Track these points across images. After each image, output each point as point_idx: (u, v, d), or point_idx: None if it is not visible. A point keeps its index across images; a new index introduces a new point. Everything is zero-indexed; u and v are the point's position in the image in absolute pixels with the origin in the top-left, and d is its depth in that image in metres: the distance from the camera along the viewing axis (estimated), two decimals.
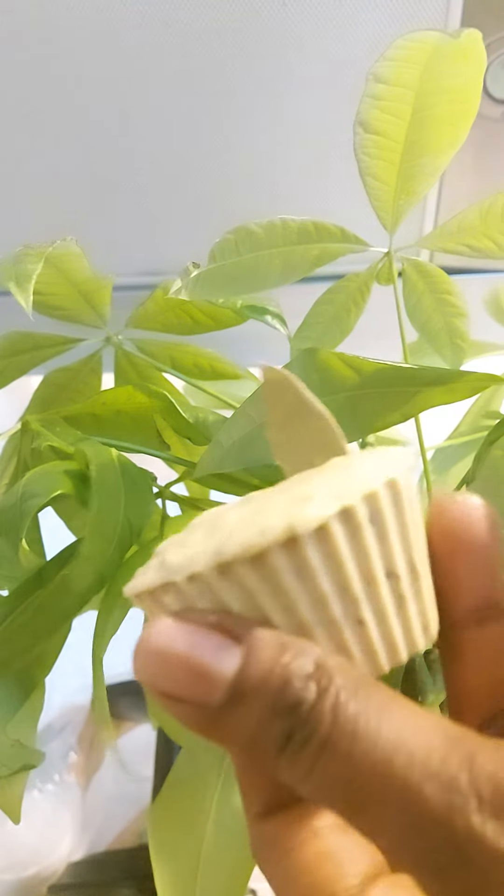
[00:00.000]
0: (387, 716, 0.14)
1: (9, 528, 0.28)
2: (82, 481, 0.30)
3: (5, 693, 0.32)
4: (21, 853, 0.73)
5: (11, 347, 0.42)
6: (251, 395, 0.29)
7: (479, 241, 0.35)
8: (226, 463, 0.30)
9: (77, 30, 0.43)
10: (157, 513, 0.36)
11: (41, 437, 0.33)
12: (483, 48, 0.31)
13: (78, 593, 0.29)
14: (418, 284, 0.40)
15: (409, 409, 0.28)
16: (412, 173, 0.34)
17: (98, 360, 0.44)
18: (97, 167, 0.49)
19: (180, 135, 0.47)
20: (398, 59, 0.31)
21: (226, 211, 0.50)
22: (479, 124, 0.34)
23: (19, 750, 0.29)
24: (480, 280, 0.52)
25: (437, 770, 0.13)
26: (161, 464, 0.37)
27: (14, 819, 0.32)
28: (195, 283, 0.36)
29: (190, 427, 0.34)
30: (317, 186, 0.49)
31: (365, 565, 0.16)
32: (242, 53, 0.44)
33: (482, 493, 0.28)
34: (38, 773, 0.80)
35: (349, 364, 0.28)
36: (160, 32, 0.43)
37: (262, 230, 0.35)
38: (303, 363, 0.28)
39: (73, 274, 0.39)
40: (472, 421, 0.48)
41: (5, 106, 0.46)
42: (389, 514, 0.16)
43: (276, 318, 0.42)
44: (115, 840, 0.76)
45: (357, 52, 0.43)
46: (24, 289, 0.30)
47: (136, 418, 0.37)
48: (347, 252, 0.37)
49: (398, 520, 0.16)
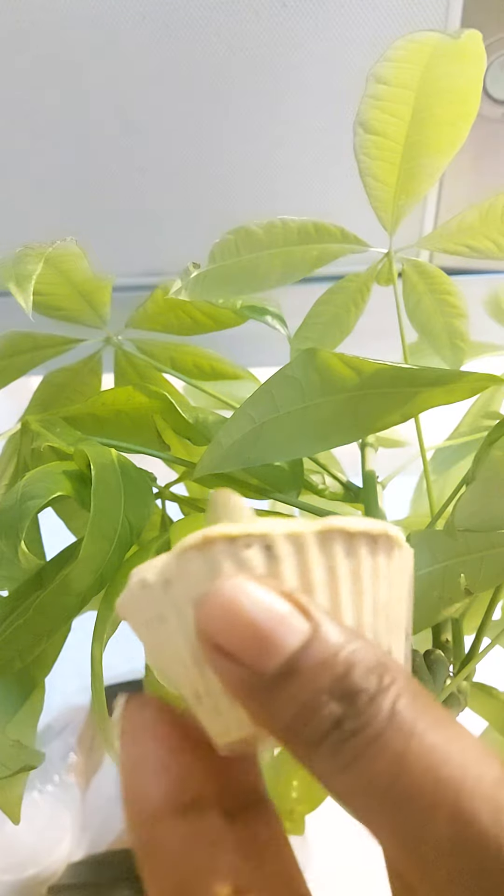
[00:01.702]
0: (442, 730, 0.13)
1: (8, 529, 0.28)
2: (82, 482, 0.30)
3: (5, 693, 0.31)
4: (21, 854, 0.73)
5: (11, 347, 0.42)
6: (251, 396, 0.29)
7: (478, 242, 0.35)
8: (226, 463, 0.30)
9: (77, 30, 0.43)
10: (157, 513, 0.36)
11: (41, 437, 0.33)
12: (483, 49, 0.31)
13: (78, 594, 0.29)
14: (418, 285, 0.40)
15: (408, 409, 0.28)
16: (412, 174, 0.34)
17: (98, 361, 0.44)
18: (97, 167, 0.49)
19: (180, 135, 0.47)
20: (398, 60, 0.31)
21: (226, 211, 0.50)
22: (479, 125, 0.34)
23: (19, 750, 0.29)
24: (480, 281, 0.52)
25: (490, 794, 0.13)
26: (161, 464, 0.37)
27: (14, 820, 0.32)
28: (195, 283, 0.36)
29: (190, 427, 0.34)
30: (317, 186, 0.49)
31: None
32: (242, 54, 0.44)
33: (482, 493, 0.28)
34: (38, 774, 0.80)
35: (349, 364, 0.28)
36: (160, 33, 0.43)
37: (262, 230, 0.35)
38: (303, 363, 0.28)
39: (73, 274, 0.39)
40: (472, 421, 0.48)
41: (5, 106, 0.46)
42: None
43: (276, 318, 0.42)
44: (115, 841, 0.76)
45: (357, 53, 0.43)
46: (24, 289, 0.30)
47: (135, 419, 0.37)
48: (347, 252, 0.37)
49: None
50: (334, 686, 0.13)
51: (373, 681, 0.13)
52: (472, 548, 0.29)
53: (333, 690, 0.13)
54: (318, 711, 0.13)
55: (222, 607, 0.14)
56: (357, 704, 0.13)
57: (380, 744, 0.13)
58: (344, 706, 0.13)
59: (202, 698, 0.16)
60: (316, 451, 0.29)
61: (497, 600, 0.33)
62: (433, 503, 0.38)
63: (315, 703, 0.13)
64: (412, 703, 0.13)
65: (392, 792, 0.13)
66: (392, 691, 0.13)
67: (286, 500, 0.34)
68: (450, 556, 0.29)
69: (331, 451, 0.45)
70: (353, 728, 0.13)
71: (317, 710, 0.13)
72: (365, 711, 0.13)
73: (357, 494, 0.38)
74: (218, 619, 0.14)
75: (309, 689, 0.13)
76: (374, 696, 0.13)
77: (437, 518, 0.35)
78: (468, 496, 0.28)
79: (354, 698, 0.13)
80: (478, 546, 0.29)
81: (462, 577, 0.29)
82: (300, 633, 0.14)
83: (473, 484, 0.27)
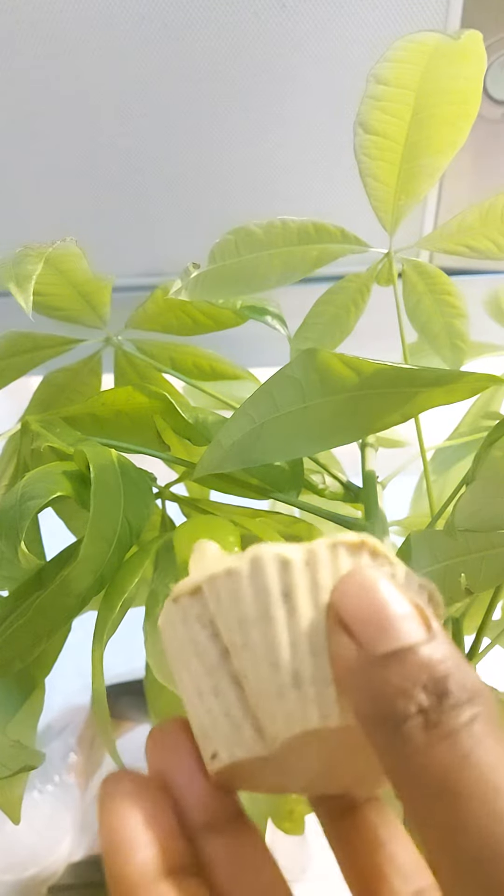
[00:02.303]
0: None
1: (8, 529, 0.28)
2: (82, 482, 0.30)
3: (5, 693, 0.31)
4: (21, 854, 0.73)
5: (11, 348, 0.42)
6: (251, 396, 0.29)
7: (478, 242, 0.35)
8: (226, 463, 0.30)
9: (77, 30, 0.43)
10: (157, 513, 0.36)
11: (41, 437, 0.33)
12: (483, 49, 0.31)
13: (77, 594, 0.29)
14: (418, 285, 0.40)
15: (408, 409, 0.28)
16: (412, 174, 0.34)
17: (98, 361, 0.44)
18: (97, 167, 0.49)
19: (180, 135, 0.47)
20: (398, 60, 0.31)
21: (226, 211, 0.50)
22: (479, 125, 0.34)
23: (19, 750, 0.29)
24: (480, 281, 0.53)
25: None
26: (161, 464, 0.37)
27: (14, 820, 0.32)
28: (195, 283, 0.36)
29: (190, 428, 0.34)
30: (317, 186, 0.49)
31: None
32: (242, 54, 0.44)
33: (482, 493, 0.28)
34: (38, 774, 0.80)
35: (349, 364, 0.27)
36: (160, 33, 0.43)
37: (262, 231, 0.35)
38: (303, 363, 0.28)
39: (73, 274, 0.39)
40: (472, 421, 0.48)
41: (5, 106, 0.46)
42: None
43: (276, 318, 0.42)
44: None
45: (357, 53, 0.43)
46: (24, 289, 0.30)
47: (135, 419, 0.37)
48: (347, 253, 0.37)
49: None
50: (430, 683, 0.15)
51: (464, 694, 0.15)
52: (472, 548, 0.29)
53: (428, 686, 0.15)
54: (410, 697, 0.15)
55: (361, 586, 0.16)
56: (444, 704, 0.15)
57: (452, 740, 0.14)
58: (432, 700, 0.15)
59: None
60: (316, 452, 0.29)
61: (497, 600, 0.33)
62: (433, 503, 0.38)
63: (409, 690, 0.15)
64: (489, 723, 0.15)
65: (447, 783, 0.14)
66: (477, 708, 0.15)
67: (286, 500, 0.34)
68: (450, 556, 0.29)
69: (331, 451, 0.45)
70: (434, 720, 0.15)
71: (408, 695, 0.15)
72: (449, 712, 0.15)
73: (357, 494, 0.38)
74: (352, 595, 0.16)
75: (408, 677, 0.15)
76: (460, 704, 0.15)
77: (437, 518, 0.35)
78: (468, 496, 0.28)
79: (444, 698, 0.15)
80: (478, 546, 0.29)
81: (462, 577, 0.29)
82: (417, 634, 0.16)
83: (473, 484, 0.27)
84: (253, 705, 0.17)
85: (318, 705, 0.16)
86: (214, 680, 0.18)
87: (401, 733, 0.15)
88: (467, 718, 0.15)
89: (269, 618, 0.17)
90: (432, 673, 0.15)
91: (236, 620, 0.17)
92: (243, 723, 0.17)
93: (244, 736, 0.17)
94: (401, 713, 0.15)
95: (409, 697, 0.15)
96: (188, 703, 0.18)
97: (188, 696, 0.18)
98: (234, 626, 0.17)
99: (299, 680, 0.17)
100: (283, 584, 0.17)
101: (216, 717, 0.17)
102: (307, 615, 0.17)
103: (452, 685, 0.15)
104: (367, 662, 0.15)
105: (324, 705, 0.16)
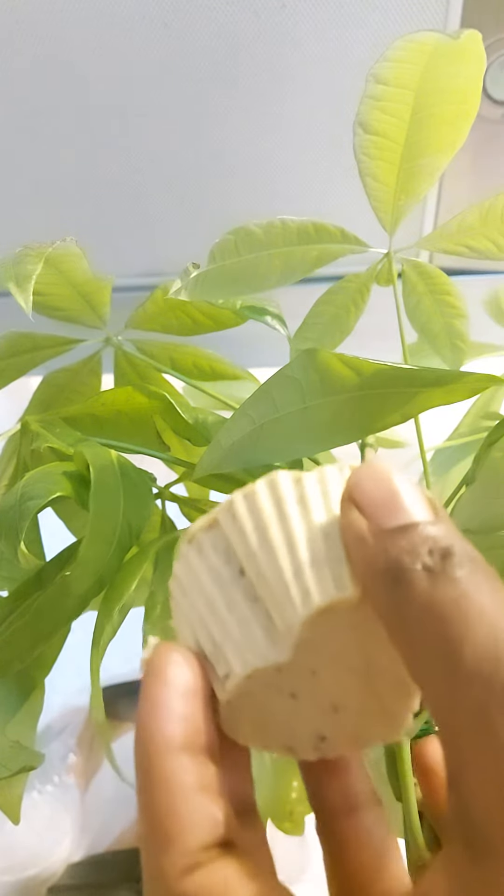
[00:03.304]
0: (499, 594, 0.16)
1: (8, 530, 0.28)
2: (82, 483, 0.30)
3: (5, 694, 0.31)
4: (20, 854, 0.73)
5: (11, 348, 0.42)
6: (251, 396, 0.29)
7: (478, 242, 0.35)
8: (225, 463, 0.30)
9: (77, 30, 0.43)
10: (157, 514, 0.36)
11: (41, 438, 0.33)
12: (483, 49, 0.31)
13: (77, 595, 0.29)
14: (418, 285, 0.40)
15: (408, 409, 0.28)
16: (412, 174, 0.34)
17: (98, 361, 0.44)
18: (97, 167, 0.49)
19: (180, 135, 0.47)
20: (398, 60, 0.31)
21: (226, 211, 0.50)
22: (479, 125, 0.34)
23: (19, 751, 0.29)
24: (480, 281, 0.52)
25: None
26: (161, 464, 0.37)
27: (13, 820, 0.32)
28: (195, 283, 0.35)
29: (189, 428, 0.34)
30: (317, 186, 0.49)
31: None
32: (242, 54, 0.44)
33: (482, 494, 0.28)
34: (38, 775, 0.80)
35: (349, 365, 0.27)
36: (160, 33, 0.43)
37: (262, 231, 0.35)
38: (303, 364, 0.28)
39: (73, 274, 0.39)
40: (472, 422, 0.48)
41: (5, 106, 0.46)
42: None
43: (275, 318, 0.42)
44: (115, 841, 0.76)
45: (356, 53, 0.43)
46: (24, 289, 0.30)
47: (135, 419, 0.37)
48: (347, 253, 0.37)
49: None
50: (435, 549, 0.16)
51: (466, 556, 0.16)
52: None
53: (433, 551, 0.16)
54: (416, 555, 0.16)
55: (375, 473, 0.18)
56: (447, 562, 0.16)
57: (453, 584, 0.16)
58: (436, 559, 0.16)
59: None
60: (316, 452, 0.29)
61: None
62: None
63: (415, 549, 0.16)
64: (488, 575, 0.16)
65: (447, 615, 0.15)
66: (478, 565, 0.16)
67: None
68: None
69: (331, 452, 0.45)
70: (438, 570, 0.16)
71: (414, 553, 0.16)
72: (452, 565, 0.16)
73: None
74: (367, 480, 0.18)
75: (414, 540, 0.16)
76: (463, 562, 0.16)
77: None
78: (468, 497, 0.28)
79: (447, 558, 0.16)
80: (478, 547, 0.29)
81: None
82: (424, 514, 0.17)
83: (473, 485, 0.27)
84: (268, 608, 0.18)
85: (333, 579, 0.17)
86: (228, 597, 0.18)
87: (405, 581, 0.16)
88: (469, 569, 0.16)
89: (284, 517, 0.18)
90: (437, 542, 0.16)
91: (253, 528, 0.18)
92: (256, 629, 0.18)
93: (258, 642, 0.18)
94: (406, 566, 0.16)
95: (415, 555, 0.16)
96: (199, 629, 0.19)
97: (199, 619, 0.19)
98: (250, 533, 0.18)
99: (315, 560, 0.18)
100: (298, 493, 0.19)
101: (230, 629, 0.18)
102: (320, 515, 0.18)
103: (456, 549, 0.16)
104: (376, 534, 0.17)
105: (338, 579, 0.17)
